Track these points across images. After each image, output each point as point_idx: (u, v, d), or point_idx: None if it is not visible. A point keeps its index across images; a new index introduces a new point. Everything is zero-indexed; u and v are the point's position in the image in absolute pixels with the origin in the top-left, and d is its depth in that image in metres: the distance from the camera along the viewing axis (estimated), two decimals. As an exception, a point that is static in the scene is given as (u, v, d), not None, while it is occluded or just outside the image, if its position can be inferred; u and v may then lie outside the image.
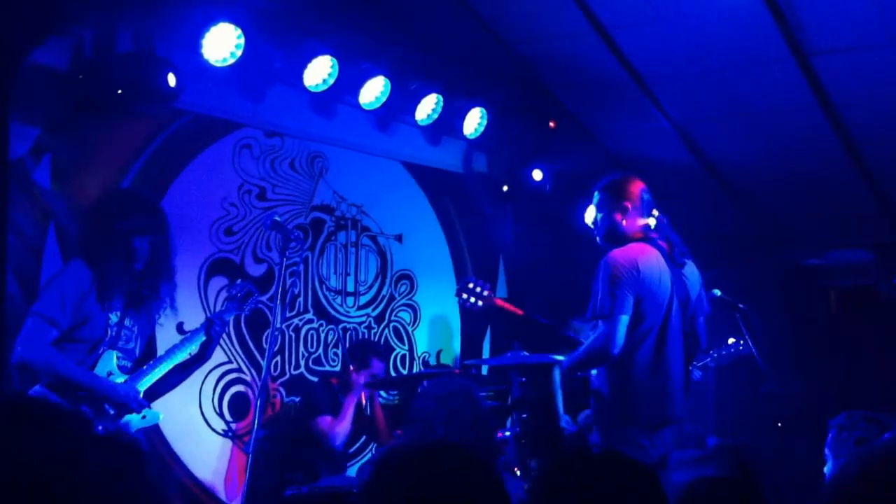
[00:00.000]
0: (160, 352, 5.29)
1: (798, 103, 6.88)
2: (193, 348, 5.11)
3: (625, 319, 5.04)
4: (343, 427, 6.55)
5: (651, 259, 5.17)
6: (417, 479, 1.97)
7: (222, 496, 6.49)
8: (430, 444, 2.10)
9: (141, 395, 4.81)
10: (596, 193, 5.48)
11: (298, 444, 6.59)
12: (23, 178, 5.53)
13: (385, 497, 1.95)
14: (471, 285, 5.80)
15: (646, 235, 5.29)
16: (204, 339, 5.11)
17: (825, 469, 5.37)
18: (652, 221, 5.37)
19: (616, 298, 5.04)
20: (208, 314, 5.27)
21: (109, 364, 4.72)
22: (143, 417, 4.84)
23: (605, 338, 5.04)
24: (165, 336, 5.76)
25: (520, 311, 5.71)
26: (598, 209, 5.43)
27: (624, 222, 5.29)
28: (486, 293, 5.80)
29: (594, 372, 5.29)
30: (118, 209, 4.92)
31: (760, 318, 6.24)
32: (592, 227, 5.53)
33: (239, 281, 5.41)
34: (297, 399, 6.99)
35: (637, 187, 5.37)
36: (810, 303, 9.23)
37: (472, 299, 5.79)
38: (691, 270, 5.41)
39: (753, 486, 3.19)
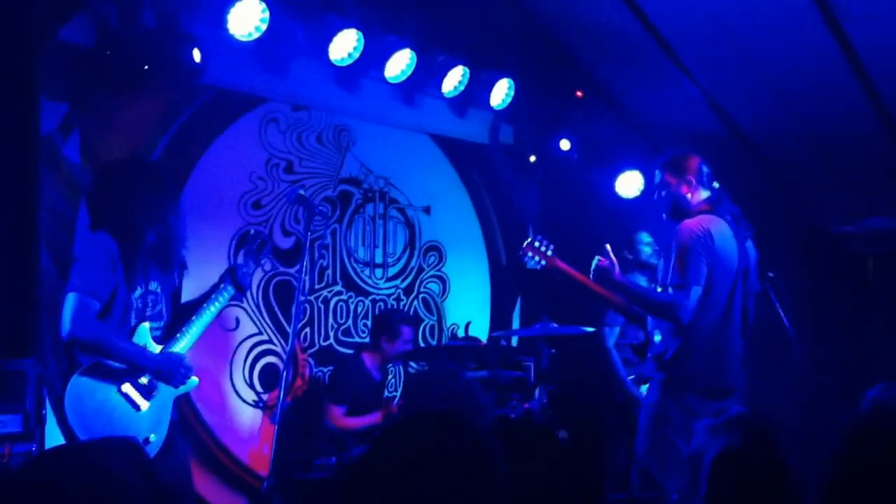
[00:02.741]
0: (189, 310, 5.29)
1: (828, 68, 6.80)
2: (223, 300, 5.04)
3: (697, 290, 5.09)
4: (352, 424, 6.52)
5: (722, 229, 5.24)
6: (417, 446, 1.98)
7: (252, 466, 6.57)
8: (430, 413, 2.10)
9: (191, 366, 4.80)
10: (657, 172, 5.51)
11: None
12: (52, 154, 5.60)
13: (385, 464, 1.97)
14: (537, 243, 5.74)
15: (712, 208, 5.34)
16: (232, 290, 5.06)
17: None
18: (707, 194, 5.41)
19: (689, 268, 5.09)
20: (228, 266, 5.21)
21: (144, 337, 4.73)
22: (181, 385, 4.86)
23: (677, 305, 5.09)
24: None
25: (582, 277, 5.66)
26: (662, 186, 5.47)
27: (689, 196, 5.36)
28: (549, 253, 5.74)
29: (657, 338, 5.32)
30: (135, 177, 4.88)
31: (789, 287, 6.21)
32: (659, 202, 5.53)
33: (251, 231, 5.36)
34: (327, 370, 7.05)
35: (696, 161, 5.42)
36: (844, 271, 9.15)
37: (537, 258, 5.73)
38: (750, 245, 5.45)
39: (777, 458, 3.19)
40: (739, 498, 3.13)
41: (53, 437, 4.60)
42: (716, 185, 5.48)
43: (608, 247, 5.45)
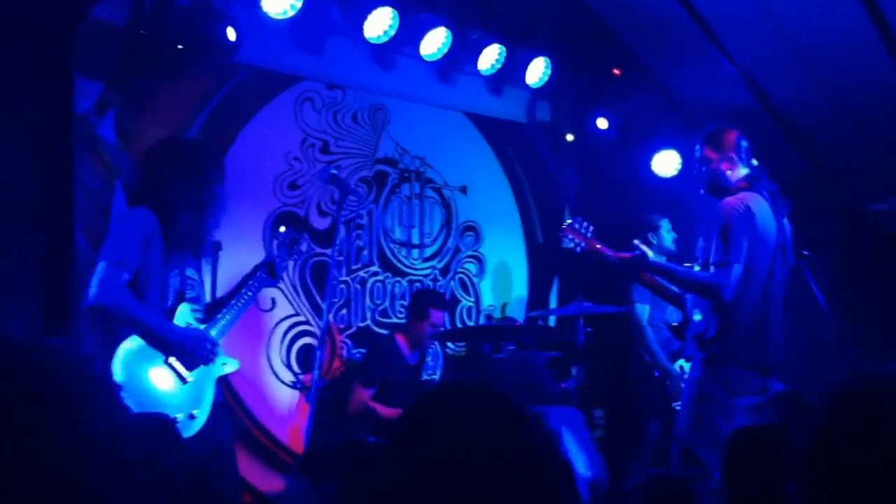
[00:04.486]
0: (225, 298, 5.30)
1: (863, 43, 6.69)
2: (257, 288, 5.06)
3: (738, 268, 5.07)
4: (376, 409, 6.46)
5: (762, 207, 5.23)
6: (453, 416, 1.94)
7: (291, 446, 6.58)
8: (465, 386, 2.05)
9: (217, 343, 4.80)
10: (697, 146, 5.48)
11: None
12: (88, 134, 5.61)
13: (420, 440, 1.92)
14: (577, 226, 5.72)
15: (751, 184, 5.30)
16: (268, 283, 5.09)
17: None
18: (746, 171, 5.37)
19: (731, 245, 5.08)
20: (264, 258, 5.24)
21: (186, 317, 4.75)
22: (224, 365, 4.87)
23: (719, 283, 5.08)
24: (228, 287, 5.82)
25: (625, 256, 5.63)
26: (702, 162, 5.42)
27: (729, 173, 5.32)
28: (588, 235, 5.71)
29: (697, 317, 5.28)
30: (186, 158, 4.89)
31: (825, 265, 6.13)
32: (698, 176, 5.49)
33: (283, 228, 5.38)
34: (364, 351, 7.03)
35: (736, 135, 5.40)
36: (881, 249, 9.03)
37: (576, 240, 5.70)
38: (786, 222, 5.41)
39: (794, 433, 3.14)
40: (767, 475, 3.09)
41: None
42: (754, 161, 5.43)
43: (637, 241, 5.43)
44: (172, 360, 4.62)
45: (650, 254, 5.37)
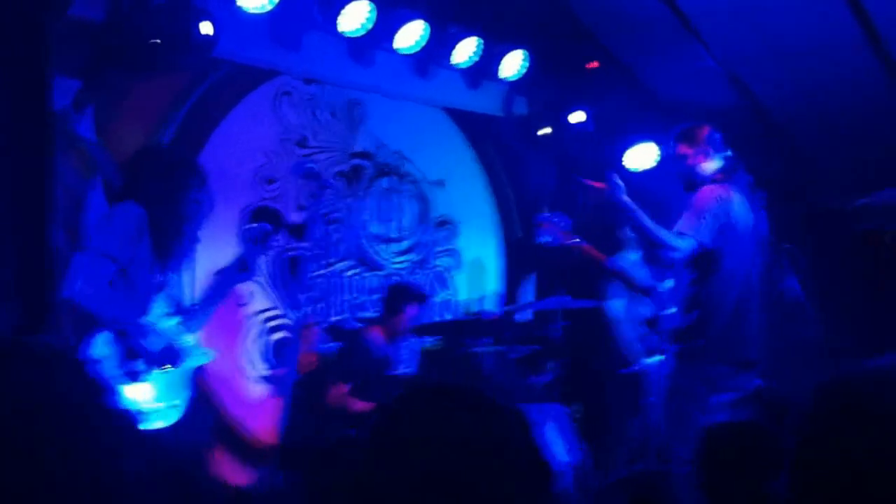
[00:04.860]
0: (199, 295, 5.34)
1: (845, 41, 6.74)
2: (230, 286, 5.13)
3: (694, 245, 5.09)
4: (353, 405, 6.48)
5: (740, 200, 5.28)
6: (432, 417, 1.96)
7: (265, 439, 6.58)
8: (446, 385, 2.08)
9: (188, 338, 4.83)
10: (672, 143, 5.52)
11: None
12: (66, 131, 5.59)
13: (397, 436, 1.95)
14: (553, 219, 5.76)
15: (727, 176, 5.35)
16: (240, 277, 5.15)
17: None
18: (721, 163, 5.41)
19: (699, 224, 5.12)
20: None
21: (163, 308, 4.79)
22: (198, 356, 4.91)
23: (673, 247, 5.11)
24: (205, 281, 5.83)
25: (597, 254, 5.66)
26: (678, 159, 5.47)
27: (704, 165, 5.37)
28: (564, 229, 5.75)
29: (673, 311, 5.33)
30: (173, 164, 4.97)
31: (805, 262, 6.19)
32: (678, 175, 5.52)
33: (255, 223, 5.42)
34: (339, 346, 7.03)
35: (708, 130, 5.45)
36: (860, 245, 9.10)
37: (552, 234, 5.74)
38: (763, 215, 5.46)
39: (774, 431, 3.19)
40: (745, 472, 3.13)
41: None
42: (728, 153, 5.48)
43: (613, 173, 5.41)
44: (141, 358, 4.64)
45: (623, 193, 5.33)
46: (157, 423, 4.56)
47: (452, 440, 1.90)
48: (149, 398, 4.63)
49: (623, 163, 8.08)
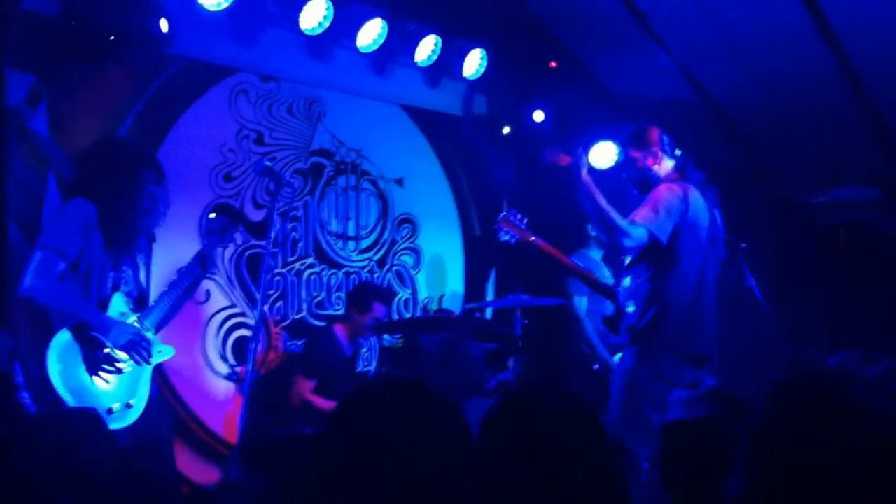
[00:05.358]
0: (157, 293, 5.29)
1: (799, 36, 6.79)
2: (188, 281, 5.09)
3: (644, 234, 5.10)
4: (318, 402, 6.47)
5: (696, 198, 5.29)
6: (380, 412, 1.99)
7: (227, 438, 6.55)
8: (393, 380, 2.11)
9: (148, 334, 4.79)
10: (621, 149, 5.54)
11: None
12: (20, 126, 5.53)
13: (348, 431, 1.96)
14: (511, 217, 5.75)
15: (680, 175, 5.37)
16: (200, 271, 5.11)
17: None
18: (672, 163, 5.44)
19: (654, 214, 5.15)
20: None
21: (121, 306, 4.75)
22: (160, 353, 4.88)
23: (627, 233, 5.14)
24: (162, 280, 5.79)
25: (555, 252, 5.66)
26: (629, 163, 5.49)
27: (657, 167, 5.40)
28: (522, 227, 5.75)
29: (630, 308, 5.33)
30: (128, 156, 4.92)
31: (761, 258, 6.23)
32: (629, 178, 5.54)
33: (215, 215, 5.39)
34: (300, 343, 7.01)
35: (657, 132, 5.47)
36: (815, 241, 9.18)
37: (510, 232, 5.73)
38: (717, 212, 5.48)
39: (728, 428, 3.21)
40: (702, 468, 3.15)
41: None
42: (678, 152, 5.50)
43: (581, 150, 5.41)
44: (107, 349, 4.60)
45: (585, 169, 5.34)
46: (116, 425, 4.52)
47: (397, 435, 1.94)
48: (111, 392, 4.59)
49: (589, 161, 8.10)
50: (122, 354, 4.66)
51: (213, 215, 5.38)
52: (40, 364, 4.46)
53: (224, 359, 6.67)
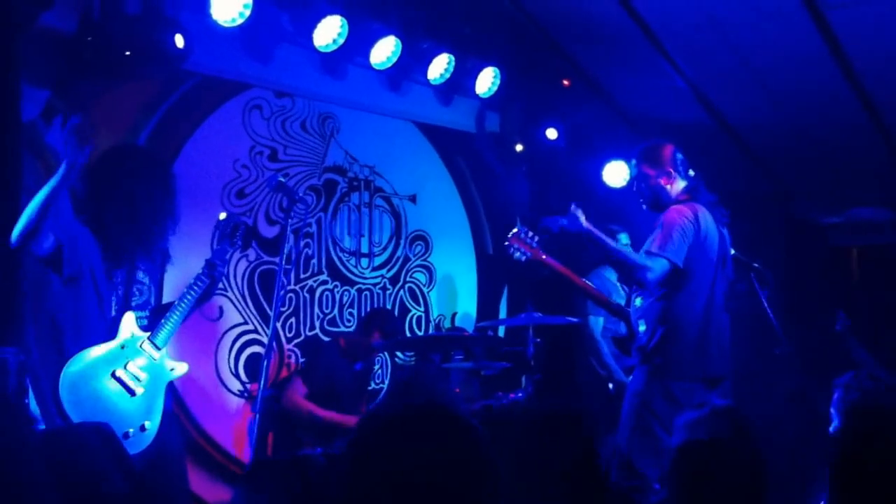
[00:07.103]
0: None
1: (813, 59, 6.79)
2: (198, 292, 5.05)
3: (666, 265, 5.09)
4: (309, 408, 6.45)
5: (707, 218, 5.28)
6: (401, 440, 1.96)
7: (237, 455, 6.54)
8: (415, 406, 2.08)
9: (159, 355, 4.79)
10: (633, 164, 5.53)
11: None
12: (35, 141, 5.55)
13: (367, 459, 1.95)
14: (522, 235, 5.70)
15: (691, 196, 5.36)
16: (209, 282, 5.07)
17: (830, 429, 5.38)
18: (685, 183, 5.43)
19: (669, 242, 5.13)
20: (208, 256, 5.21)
21: (131, 325, 4.74)
22: (173, 370, 4.87)
23: (643, 265, 5.13)
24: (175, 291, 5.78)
25: (566, 270, 5.62)
26: (640, 179, 5.48)
27: (669, 187, 5.39)
28: (534, 245, 5.71)
29: (642, 327, 5.32)
30: (121, 165, 4.91)
31: (774, 278, 6.21)
32: (638, 193, 5.54)
33: (225, 215, 5.36)
34: (308, 358, 7.00)
35: (671, 150, 5.47)
36: (828, 262, 9.16)
37: (522, 250, 5.68)
38: (726, 232, 5.47)
39: (750, 448, 3.19)
40: (711, 489, 3.13)
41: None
42: (691, 172, 5.49)
43: (574, 205, 5.40)
44: (119, 372, 4.59)
45: (582, 219, 5.33)
46: (132, 450, 4.50)
47: (420, 463, 1.92)
48: (126, 417, 4.58)
49: (603, 179, 8.12)
50: (139, 374, 4.65)
51: (223, 215, 5.34)
52: (54, 393, 4.44)
53: (236, 376, 6.66)
